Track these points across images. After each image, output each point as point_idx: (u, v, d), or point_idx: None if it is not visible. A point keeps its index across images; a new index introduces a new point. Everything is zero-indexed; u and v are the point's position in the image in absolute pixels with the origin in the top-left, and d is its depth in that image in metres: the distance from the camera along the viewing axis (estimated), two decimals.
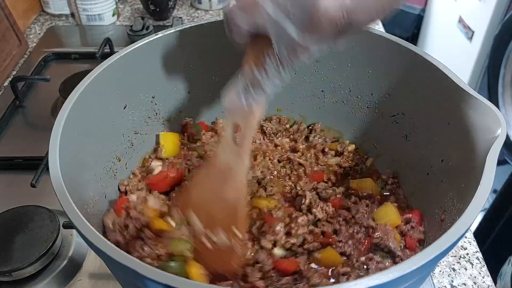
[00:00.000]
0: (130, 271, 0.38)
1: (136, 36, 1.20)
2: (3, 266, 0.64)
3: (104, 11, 1.34)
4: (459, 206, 0.53)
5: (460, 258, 0.73)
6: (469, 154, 0.53)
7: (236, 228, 0.53)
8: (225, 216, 0.53)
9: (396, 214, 0.64)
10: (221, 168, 0.54)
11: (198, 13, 1.45)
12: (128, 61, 0.65)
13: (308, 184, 0.71)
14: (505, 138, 0.48)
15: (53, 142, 0.50)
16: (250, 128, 0.52)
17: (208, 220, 0.54)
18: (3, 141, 0.94)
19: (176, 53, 0.71)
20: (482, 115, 0.52)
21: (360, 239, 0.61)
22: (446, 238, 0.40)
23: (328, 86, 0.78)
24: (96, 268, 0.70)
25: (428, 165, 0.66)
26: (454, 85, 0.57)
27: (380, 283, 0.36)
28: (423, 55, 0.63)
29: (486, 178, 0.45)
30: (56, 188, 0.46)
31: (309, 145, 0.79)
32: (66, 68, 1.15)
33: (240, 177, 0.53)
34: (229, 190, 0.53)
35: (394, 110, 0.72)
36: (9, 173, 0.86)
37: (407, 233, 0.63)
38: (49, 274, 0.68)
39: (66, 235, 0.72)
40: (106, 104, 0.64)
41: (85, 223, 0.42)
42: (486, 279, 0.70)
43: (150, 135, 0.74)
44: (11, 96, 1.03)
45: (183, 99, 0.77)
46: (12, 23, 1.19)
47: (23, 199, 0.76)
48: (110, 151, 0.67)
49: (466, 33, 2.08)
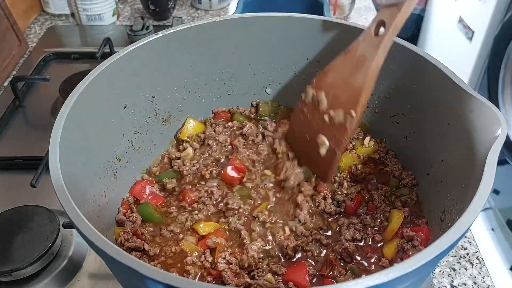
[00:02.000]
0: (130, 271, 0.38)
1: (136, 36, 1.20)
2: (3, 266, 0.64)
3: (104, 11, 1.34)
4: (459, 206, 0.53)
5: (460, 258, 0.73)
6: (469, 154, 0.53)
7: (355, 111, 0.58)
8: (348, 99, 0.59)
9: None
10: (357, 56, 0.59)
11: (198, 13, 1.45)
12: (128, 61, 0.65)
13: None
14: (505, 138, 0.48)
15: (53, 142, 0.50)
16: (393, 24, 0.55)
17: (334, 99, 0.61)
18: (3, 141, 0.94)
19: (176, 53, 0.71)
20: (482, 115, 0.52)
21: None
22: (446, 238, 0.40)
23: None
24: (96, 268, 0.70)
25: (428, 165, 0.66)
26: (454, 85, 0.57)
27: (380, 282, 0.36)
28: (423, 55, 0.63)
29: (486, 178, 0.45)
30: (56, 188, 0.46)
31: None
32: (66, 68, 1.15)
33: (372, 67, 0.57)
34: (358, 77, 0.58)
35: (394, 110, 0.72)
36: (9, 173, 0.86)
37: (406, 251, 0.60)
38: (49, 274, 0.68)
39: (66, 235, 0.72)
40: (106, 104, 0.64)
41: (86, 223, 0.42)
42: (486, 279, 0.70)
43: (150, 135, 0.74)
44: (11, 96, 1.03)
45: (183, 99, 0.77)
46: (12, 23, 1.19)
47: (23, 199, 0.76)
48: (110, 151, 0.67)
49: (466, 33, 2.08)
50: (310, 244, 0.63)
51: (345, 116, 0.59)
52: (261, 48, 0.76)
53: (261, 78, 0.81)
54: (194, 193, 0.69)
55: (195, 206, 0.68)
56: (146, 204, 0.68)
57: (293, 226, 0.65)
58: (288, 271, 0.59)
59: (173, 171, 0.74)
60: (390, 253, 0.61)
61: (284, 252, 0.62)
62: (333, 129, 0.61)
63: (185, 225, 0.66)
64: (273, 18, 0.73)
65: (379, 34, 0.57)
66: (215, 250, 0.61)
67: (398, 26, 0.56)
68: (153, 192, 0.70)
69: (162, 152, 0.77)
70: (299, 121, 0.67)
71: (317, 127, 0.63)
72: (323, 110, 0.62)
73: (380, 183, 0.71)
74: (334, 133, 0.61)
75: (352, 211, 0.67)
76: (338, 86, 0.61)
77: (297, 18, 0.72)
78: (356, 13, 1.44)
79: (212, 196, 0.69)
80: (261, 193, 0.70)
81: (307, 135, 0.65)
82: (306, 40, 0.74)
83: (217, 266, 0.59)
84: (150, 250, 0.62)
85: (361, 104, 0.58)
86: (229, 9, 1.46)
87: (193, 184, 0.72)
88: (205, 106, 0.81)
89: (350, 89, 0.59)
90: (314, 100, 0.64)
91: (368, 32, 0.58)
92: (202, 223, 0.65)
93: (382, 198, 0.69)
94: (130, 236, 0.62)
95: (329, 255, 0.61)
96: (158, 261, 0.61)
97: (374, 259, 0.62)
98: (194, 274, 0.60)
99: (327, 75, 0.63)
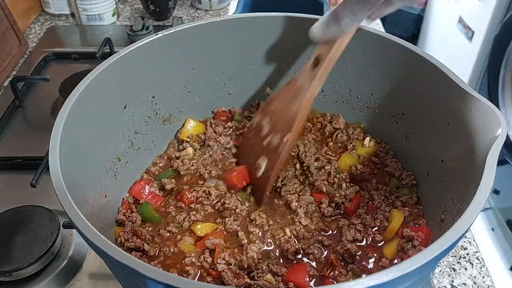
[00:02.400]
0: (130, 271, 0.38)
1: (136, 36, 1.20)
2: (3, 266, 0.64)
3: (104, 11, 1.34)
4: (459, 206, 0.53)
5: (460, 258, 0.73)
6: (469, 154, 0.53)
7: (286, 137, 0.64)
8: (284, 126, 0.65)
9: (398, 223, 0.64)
10: (295, 87, 0.65)
11: (198, 13, 1.45)
12: (128, 61, 0.65)
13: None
14: (505, 138, 0.48)
15: (53, 142, 0.50)
16: (328, 59, 0.61)
17: (273, 125, 0.67)
18: (3, 141, 0.94)
19: (176, 53, 0.71)
20: (482, 115, 0.52)
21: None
22: (446, 238, 0.40)
23: (328, 86, 0.78)
24: (96, 268, 0.70)
25: (428, 165, 0.66)
26: (454, 85, 0.57)
27: (380, 282, 0.36)
28: (423, 55, 0.63)
29: (486, 178, 0.45)
30: (56, 188, 0.46)
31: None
32: (66, 68, 1.15)
33: (305, 98, 0.63)
34: (294, 106, 0.64)
35: (394, 110, 0.72)
36: (9, 173, 0.87)
37: (406, 251, 0.60)
38: (49, 274, 0.68)
39: (66, 235, 0.73)
40: (106, 104, 0.64)
41: (86, 223, 0.42)
42: (486, 279, 0.70)
43: (150, 135, 0.74)
44: (11, 96, 1.03)
45: (183, 99, 0.77)
46: (12, 23, 1.19)
47: (23, 199, 0.76)
48: (110, 151, 0.67)
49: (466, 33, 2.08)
50: (311, 246, 0.62)
51: (280, 141, 0.65)
52: (261, 48, 0.76)
53: (261, 78, 0.81)
54: (192, 193, 0.69)
55: (192, 206, 0.68)
56: (145, 204, 0.68)
57: (294, 230, 0.65)
58: (288, 272, 0.59)
59: (172, 171, 0.74)
60: (390, 253, 0.61)
61: (285, 256, 0.62)
62: (270, 153, 0.66)
63: (182, 226, 0.65)
64: (273, 18, 0.73)
65: (315, 68, 0.62)
66: (214, 251, 0.61)
67: (331, 61, 0.61)
68: (152, 192, 0.70)
69: (162, 152, 0.77)
70: (246, 144, 0.74)
71: (258, 151, 0.68)
72: (264, 135, 0.68)
73: (380, 183, 0.71)
74: (270, 157, 0.66)
75: (352, 212, 0.67)
76: (278, 113, 0.67)
77: (297, 18, 0.72)
78: None
79: (209, 196, 0.69)
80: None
81: (250, 158, 0.70)
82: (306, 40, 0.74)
83: (217, 267, 0.59)
84: (150, 250, 0.62)
85: (294, 131, 0.64)
86: (229, 9, 1.46)
87: (191, 184, 0.72)
88: (205, 106, 0.81)
89: (287, 117, 0.65)
90: (259, 125, 0.70)
91: (306, 65, 0.64)
92: (199, 224, 0.65)
93: (382, 198, 0.69)
94: (130, 236, 0.62)
95: (331, 256, 0.61)
96: (157, 261, 0.61)
97: (374, 259, 0.62)
98: (194, 275, 0.60)
99: (271, 103, 0.69)
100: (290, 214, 0.67)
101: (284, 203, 0.68)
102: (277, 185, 0.70)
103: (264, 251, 0.62)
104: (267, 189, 0.67)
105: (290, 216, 0.67)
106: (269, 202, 0.69)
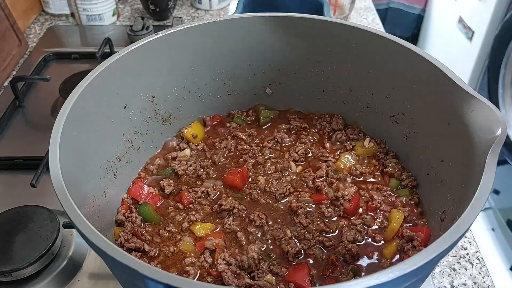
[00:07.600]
0: (130, 271, 0.38)
1: (136, 36, 1.20)
2: (3, 266, 0.64)
3: (104, 11, 1.34)
4: (459, 206, 0.53)
5: (460, 258, 0.73)
6: (469, 154, 0.53)
7: None
8: None
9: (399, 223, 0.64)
10: None
11: (198, 13, 1.45)
12: (128, 61, 0.65)
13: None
14: (505, 138, 0.48)
15: (53, 142, 0.50)
16: None
17: None
18: (3, 141, 0.94)
19: (176, 53, 0.71)
20: (482, 115, 0.52)
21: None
22: (446, 238, 0.40)
23: (328, 86, 0.78)
24: (96, 268, 0.70)
25: (428, 165, 0.66)
26: (454, 85, 0.57)
27: (380, 282, 0.36)
28: (423, 55, 0.63)
29: (486, 178, 0.45)
30: (56, 188, 0.46)
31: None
32: (66, 68, 1.15)
33: None
34: None
35: (394, 110, 0.72)
36: (9, 173, 0.86)
37: (406, 251, 0.60)
38: (49, 274, 0.68)
39: (66, 235, 0.72)
40: (106, 104, 0.64)
41: (86, 223, 0.42)
42: (486, 279, 0.70)
43: (150, 135, 0.74)
44: (11, 96, 1.03)
45: (183, 99, 0.77)
46: (12, 23, 1.19)
47: (23, 199, 0.76)
48: (110, 151, 0.67)
49: (466, 33, 2.08)
50: (313, 247, 0.62)
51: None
52: (261, 48, 0.76)
53: (261, 78, 0.81)
54: (191, 194, 0.69)
55: (191, 206, 0.68)
56: (145, 204, 0.68)
57: (294, 231, 0.64)
58: (289, 272, 0.59)
59: (170, 170, 0.74)
60: (390, 253, 0.61)
61: (286, 257, 0.62)
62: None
63: (182, 226, 0.65)
64: (273, 18, 0.73)
65: None
66: (215, 251, 0.61)
67: None
68: (151, 192, 0.70)
69: (161, 152, 0.77)
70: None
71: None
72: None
73: (380, 184, 0.71)
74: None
75: (352, 212, 0.67)
76: None
77: (297, 18, 0.72)
78: (356, 13, 1.44)
79: (208, 196, 0.69)
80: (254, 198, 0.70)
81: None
82: (306, 40, 0.74)
83: (217, 267, 0.59)
84: (150, 251, 0.62)
85: None
86: (229, 9, 1.46)
87: (190, 185, 0.72)
88: (205, 106, 0.81)
89: None
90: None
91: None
92: (198, 225, 0.65)
93: (382, 198, 0.69)
94: (130, 237, 0.62)
95: (332, 256, 0.61)
96: (157, 261, 0.61)
97: (374, 259, 0.62)
98: (194, 275, 0.59)
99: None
100: (290, 215, 0.67)
101: (284, 204, 0.68)
102: (277, 186, 0.70)
103: (264, 251, 0.62)
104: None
105: (290, 217, 0.67)
106: (269, 202, 0.69)
